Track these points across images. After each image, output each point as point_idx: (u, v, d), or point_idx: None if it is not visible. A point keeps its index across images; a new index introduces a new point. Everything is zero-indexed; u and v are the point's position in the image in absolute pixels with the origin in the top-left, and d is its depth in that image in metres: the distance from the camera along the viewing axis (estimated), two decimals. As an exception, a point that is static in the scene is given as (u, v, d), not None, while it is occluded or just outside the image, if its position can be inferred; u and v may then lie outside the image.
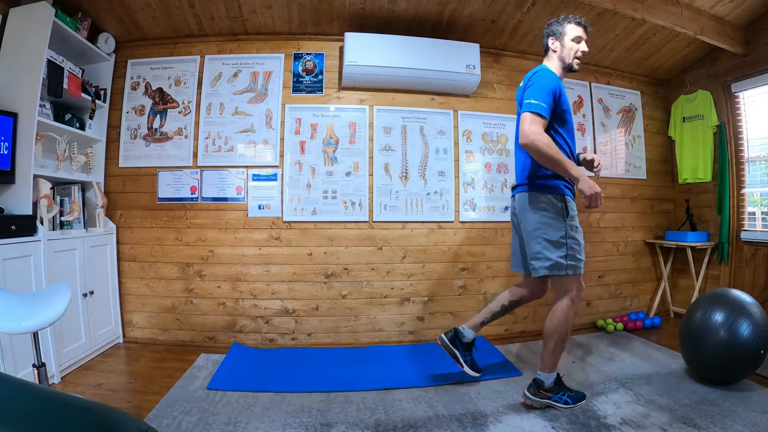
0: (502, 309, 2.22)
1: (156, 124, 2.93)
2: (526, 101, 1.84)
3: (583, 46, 2.00)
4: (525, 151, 1.91)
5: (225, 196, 2.89)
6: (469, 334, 2.20)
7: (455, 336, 2.20)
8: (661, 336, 3.05)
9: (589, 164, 2.14)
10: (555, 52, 2.02)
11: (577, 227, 1.93)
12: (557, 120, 1.92)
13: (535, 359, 2.58)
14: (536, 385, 1.95)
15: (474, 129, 3.14)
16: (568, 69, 2.03)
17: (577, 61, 2.01)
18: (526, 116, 1.81)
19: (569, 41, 1.98)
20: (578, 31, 1.99)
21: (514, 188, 2.11)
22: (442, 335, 2.21)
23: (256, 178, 2.91)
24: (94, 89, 2.79)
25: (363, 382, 2.22)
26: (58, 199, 2.53)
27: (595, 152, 3.39)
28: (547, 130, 1.87)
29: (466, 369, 2.18)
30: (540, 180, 1.94)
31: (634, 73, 3.60)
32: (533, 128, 1.79)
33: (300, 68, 2.98)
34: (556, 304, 1.95)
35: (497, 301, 2.24)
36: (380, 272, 2.96)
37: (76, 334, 2.39)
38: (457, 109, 3.11)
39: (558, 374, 1.99)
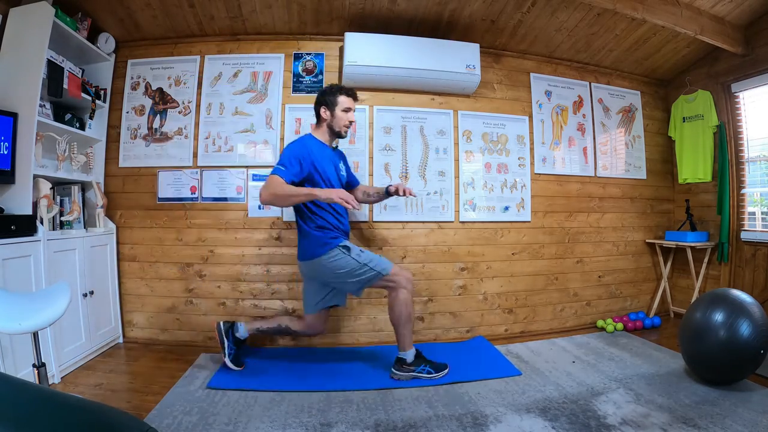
0: (277, 328, 2.45)
1: (156, 124, 2.93)
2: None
3: (351, 116, 2.27)
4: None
5: (225, 196, 2.89)
6: (243, 332, 2.37)
7: (231, 328, 2.36)
8: (661, 336, 3.05)
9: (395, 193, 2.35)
10: (325, 120, 2.25)
11: (361, 251, 2.21)
12: (311, 184, 2.16)
13: (535, 359, 2.59)
14: (399, 363, 2.25)
15: (474, 129, 3.14)
16: (337, 135, 2.30)
17: (345, 129, 2.27)
18: (268, 177, 2.05)
19: (340, 111, 2.23)
20: (349, 102, 2.25)
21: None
22: (221, 323, 2.37)
23: (257, 178, 2.90)
24: (94, 89, 2.79)
25: (363, 382, 2.22)
26: (58, 199, 2.53)
27: (595, 152, 3.41)
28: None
29: (227, 361, 2.32)
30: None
31: (634, 73, 3.59)
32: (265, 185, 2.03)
33: (300, 68, 2.98)
34: (391, 298, 2.23)
35: (279, 319, 2.46)
36: (380, 272, 2.95)
37: (76, 334, 2.39)
38: (457, 109, 3.11)
39: (416, 350, 2.27)
